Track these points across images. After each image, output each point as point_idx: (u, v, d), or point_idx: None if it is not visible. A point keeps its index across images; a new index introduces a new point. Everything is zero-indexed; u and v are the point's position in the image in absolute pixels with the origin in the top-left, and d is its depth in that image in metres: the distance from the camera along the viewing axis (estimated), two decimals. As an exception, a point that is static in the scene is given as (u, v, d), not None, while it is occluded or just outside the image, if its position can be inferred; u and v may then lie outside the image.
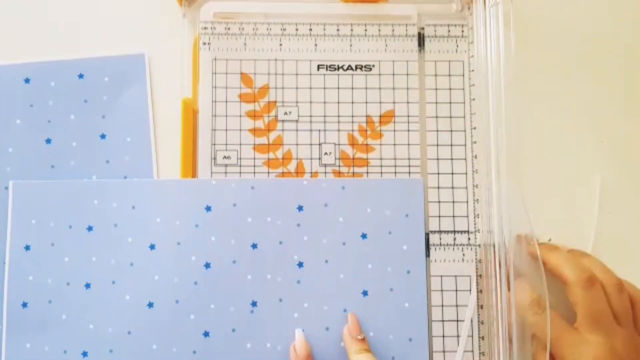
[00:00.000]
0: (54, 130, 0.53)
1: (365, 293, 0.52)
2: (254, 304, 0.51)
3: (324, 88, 0.55)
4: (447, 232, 0.53)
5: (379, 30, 0.55)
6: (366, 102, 0.55)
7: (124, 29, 0.55)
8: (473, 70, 0.55)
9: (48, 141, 0.53)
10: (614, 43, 0.56)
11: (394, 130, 0.54)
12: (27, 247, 0.52)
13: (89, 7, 0.55)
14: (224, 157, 0.54)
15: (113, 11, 0.55)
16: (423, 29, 0.56)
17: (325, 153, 0.54)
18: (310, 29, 0.55)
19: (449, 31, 0.55)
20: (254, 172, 0.54)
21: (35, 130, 0.53)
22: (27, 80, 0.53)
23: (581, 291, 0.48)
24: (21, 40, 0.55)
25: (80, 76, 0.54)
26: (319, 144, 0.54)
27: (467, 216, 0.53)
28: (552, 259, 0.50)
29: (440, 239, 0.53)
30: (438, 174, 0.54)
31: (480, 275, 0.53)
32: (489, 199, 0.51)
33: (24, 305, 0.51)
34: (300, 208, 0.52)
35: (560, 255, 0.50)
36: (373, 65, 0.55)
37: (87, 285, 0.51)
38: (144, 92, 0.54)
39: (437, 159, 0.54)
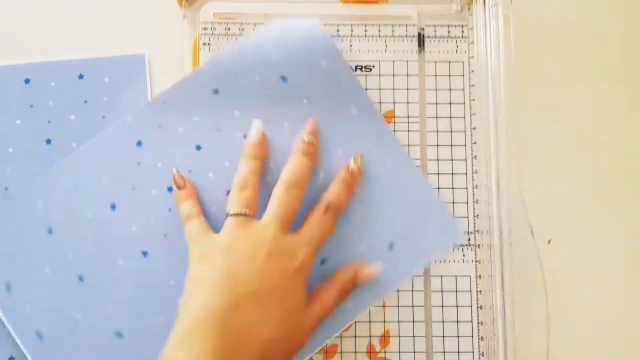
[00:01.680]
0: (54, 131, 0.53)
1: None
2: None
3: (324, 88, 0.55)
4: (447, 232, 0.53)
5: (379, 30, 0.55)
6: (366, 103, 0.55)
7: (124, 29, 0.55)
8: (473, 71, 0.55)
9: (48, 141, 0.53)
10: (612, 42, 0.56)
11: (394, 131, 0.54)
12: None
13: (89, 7, 0.55)
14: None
15: (113, 11, 0.55)
16: (423, 29, 0.56)
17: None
18: (310, 30, 0.55)
19: (449, 32, 0.55)
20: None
21: (36, 130, 0.53)
22: (27, 81, 0.53)
23: None
24: (21, 40, 0.55)
25: (80, 76, 0.54)
26: (319, 144, 0.54)
27: (467, 217, 0.53)
28: None
29: (440, 239, 0.53)
30: (438, 174, 0.54)
31: (480, 276, 0.53)
32: (489, 199, 0.52)
33: None
34: None
35: None
36: (373, 66, 0.55)
37: None
38: (144, 93, 0.54)
39: (437, 159, 0.54)
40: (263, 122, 0.51)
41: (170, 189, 0.52)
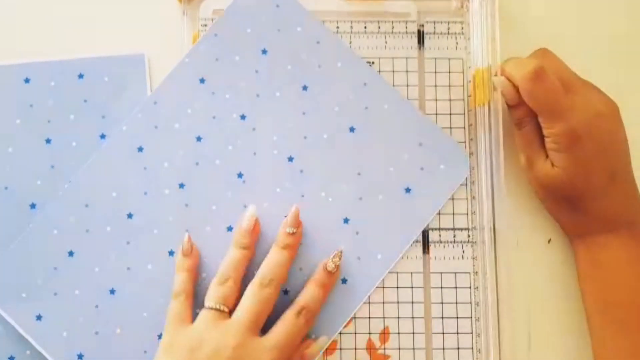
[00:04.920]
0: (54, 130, 0.53)
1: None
2: None
3: (324, 85, 0.55)
4: (447, 229, 0.53)
5: (379, 27, 0.55)
6: (366, 100, 0.55)
7: (124, 29, 0.55)
8: (470, 67, 0.55)
9: (48, 141, 0.53)
10: (602, 37, 0.56)
11: (394, 128, 0.54)
12: None
13: (88, 7, 0.55)
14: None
15: (113, 11, 0.55)
16: (423, 26, 0.55)
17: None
18: (310, 26, 0.55)
19: (448, 28, 0.55)
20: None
21: (35, 130, 0.53)
22: (27, 80, 0.53)
23: (528, 85, 0.48)
24: (21, 40, 0.55)
25: (80, 76, 0.54)
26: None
27: (467, 213, 0.53)
28: (506, 69, 0.50)
29: (440, 236, 0.53)
30: (438, 171, 0.54)
31: (477, 272, 0.53)
32: (480, 196, 0.52)
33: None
34: None
35: (509, 62, 0.50)
36: (373, 62, 0.55)
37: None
38: (143, 92, 0.54)
39: (437, 156, 0.54)
40: (255, 97, 0.53)
41: (182, 185, 0.52)
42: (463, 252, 0.53)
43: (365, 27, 0.55)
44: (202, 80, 0.53)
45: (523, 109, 0.49)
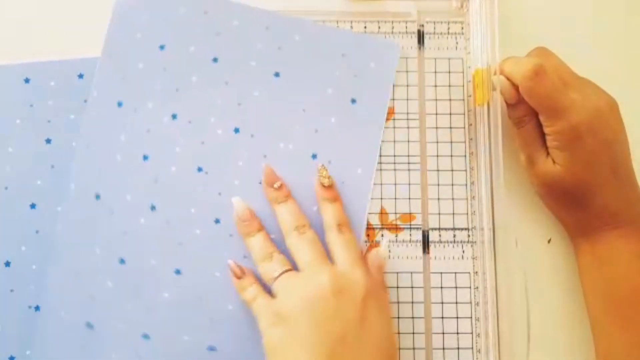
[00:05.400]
0: (54, 130, 0.53)
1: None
2: None
3: (324, 85, 0.55)
4: (447, 229, 0.53)
5: (379, 27, 0.55)
6: (365, 100, 0.55)
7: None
8: (470, 67, 0.55)
9: (48, 141, 0.53)
10: (603, 37, 0.56)
11: (394, 127, 0.54)
12: None
13: (88, 7, 0.55)
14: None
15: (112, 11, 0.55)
16: (423, 26, 0.55)
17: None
18: (310, 26, 0.55)
19: (448, 28, 0.55)
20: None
21: (35, 130, 0.53)
22: (27, 80, 0.54)
23: (529, 83, 0.48)
24: (21, 40, 0.55)
25: (80, 76, 0.54)
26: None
27: (467, 213, 0.53)
28: (505, 68, 0.50)
29: (440, 236, 0.53)
30: (438, 170, 0.54)
31: (477, 272, 0.53)
32: (479, 196, 0.52)
33: None
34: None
35: (508, 61, 0.50)
36: (373, 63, 0.55)
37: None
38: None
39: (437, 155, 0.54)
40: (175, 93, 0.53)
41: (153, 208, 0.52)
42: (463, 252, 0.53)
43: (365, 27, 0.55)
44: (119, 104, 0.53)
45: (523, 107, 0.50)
